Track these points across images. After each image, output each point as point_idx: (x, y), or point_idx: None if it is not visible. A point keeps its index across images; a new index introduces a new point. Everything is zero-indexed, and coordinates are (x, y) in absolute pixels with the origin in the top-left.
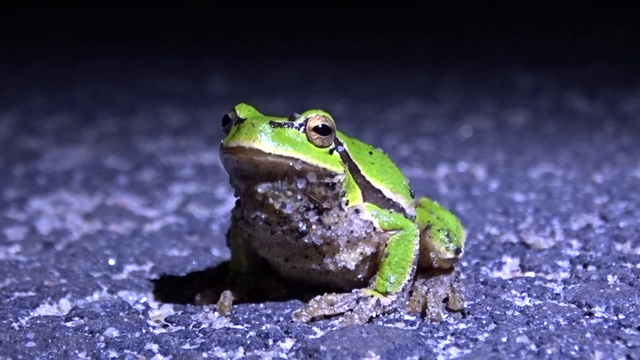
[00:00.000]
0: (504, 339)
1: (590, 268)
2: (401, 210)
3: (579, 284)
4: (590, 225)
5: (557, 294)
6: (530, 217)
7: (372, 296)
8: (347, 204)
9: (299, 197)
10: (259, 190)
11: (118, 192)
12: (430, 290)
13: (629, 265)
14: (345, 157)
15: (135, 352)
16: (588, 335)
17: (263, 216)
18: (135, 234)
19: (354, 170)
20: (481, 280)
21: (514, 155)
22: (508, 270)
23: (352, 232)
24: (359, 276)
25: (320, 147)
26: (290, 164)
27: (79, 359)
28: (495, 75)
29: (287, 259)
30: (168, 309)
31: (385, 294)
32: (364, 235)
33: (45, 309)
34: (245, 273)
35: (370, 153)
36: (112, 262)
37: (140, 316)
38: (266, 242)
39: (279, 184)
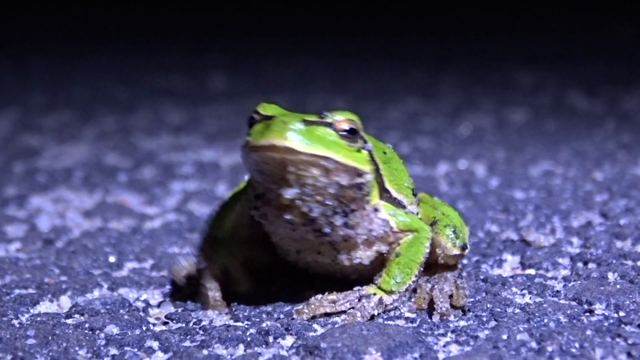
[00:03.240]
0: (505, 336)
1: (591, 265)
2: (403, 208)
3: (579, 282)
4: (591, 222)
5: (557, 292)
6: (530, 214)
7: (374, 294)
8: (368, 202)
9: (327, 202)
10: (287, 195)
11: (118, 189)
12: (436, 286)
13: (630, 262)
14: (371, 156)
15: (136, 350)
16: (588, 332)
17: (287, 217)
18: (136, 232)
19: (376, 169)
20: (481, 277)
21: (514, 152)
22: (508, 268)
23: (371, 230)
24: (368, 266)
25: (350, 146)
26: (323, 163)
27: (79, 356)
28: (496, 72)
29: (299, 251)
30: (168, 307)
31: (389, 292)
32: (382, 234)
33: (45, 306)
34: (225, 240)
35: (384, 153)
36: (112, 259)
37: (141, 313)
38: (281, 234)
39: (309, 189)
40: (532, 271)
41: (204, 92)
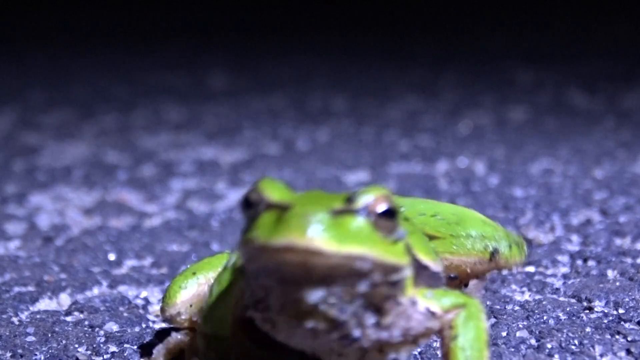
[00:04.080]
0: (504, 333)
1: (590, 263)
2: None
3: (578, 279)
4: (590, 220)
5: (557, 289)
6: (530, 212)
7: None
8: (403, 295)
9: (357, 302)
10: (310, 300)
11: (118, 187)
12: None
13: (629, 260)
14: (408, 245)
15: (135, 347)
16: (588, 329)
17: (309, 325)
18: (135, 229)
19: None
20: None
21: (513, 150)
22: None
23: (409, 329)
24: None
25: (386, 236)
26: (357, 264)
27: (79, 353)
28: (495, 70)
29: (315, 353)
30: None
31: None
32: (423, 331)
33: (45, 304)
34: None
35: (406, 219)
36: (111, 257)
37: (140, 311)
38: (296, 342)
39: (337, 290)
40: (531, 268)
41: (204, 90)
